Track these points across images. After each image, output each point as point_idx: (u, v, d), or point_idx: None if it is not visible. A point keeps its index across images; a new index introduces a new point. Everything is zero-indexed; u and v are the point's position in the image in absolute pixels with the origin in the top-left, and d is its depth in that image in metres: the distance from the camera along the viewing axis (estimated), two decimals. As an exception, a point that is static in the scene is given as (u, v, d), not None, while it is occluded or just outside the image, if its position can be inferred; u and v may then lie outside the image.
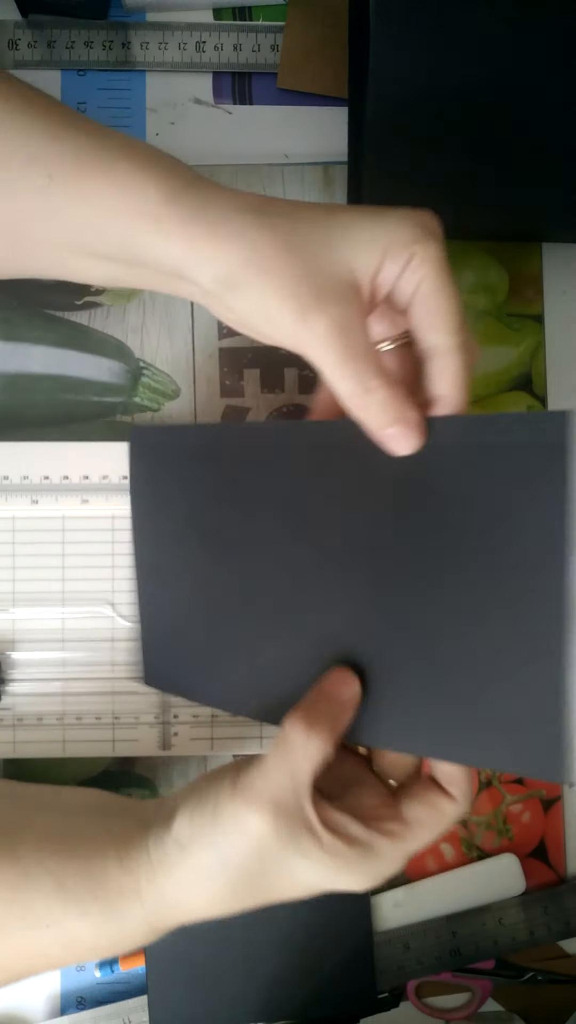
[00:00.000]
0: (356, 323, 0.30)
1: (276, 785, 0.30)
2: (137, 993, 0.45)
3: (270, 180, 0.46)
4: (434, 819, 0.31)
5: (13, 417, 0.45)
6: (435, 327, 0.30)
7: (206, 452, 0.36)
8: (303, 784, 0.30)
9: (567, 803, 0.47)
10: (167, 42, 0.46)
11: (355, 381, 0.30)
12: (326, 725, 0.30)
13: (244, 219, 0.31)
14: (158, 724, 0.44)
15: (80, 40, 0.45)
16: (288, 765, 0.30)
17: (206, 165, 0.46)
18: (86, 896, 0.32)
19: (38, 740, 0.43)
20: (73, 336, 0.46)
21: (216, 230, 0.31)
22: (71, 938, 0.32)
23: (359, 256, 0.30)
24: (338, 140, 0.46)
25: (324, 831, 0.30)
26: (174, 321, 0.46)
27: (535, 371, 0.47)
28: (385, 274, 0.30)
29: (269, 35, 0.46)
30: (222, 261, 0.31)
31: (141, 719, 0.44)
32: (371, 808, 0.31)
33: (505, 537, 0.28)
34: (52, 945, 0.32)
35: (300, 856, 0.30)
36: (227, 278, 0.31)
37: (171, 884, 0.31)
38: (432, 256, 0.30)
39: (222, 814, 0.30)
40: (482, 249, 0.46)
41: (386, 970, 0.45)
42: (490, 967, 0.46)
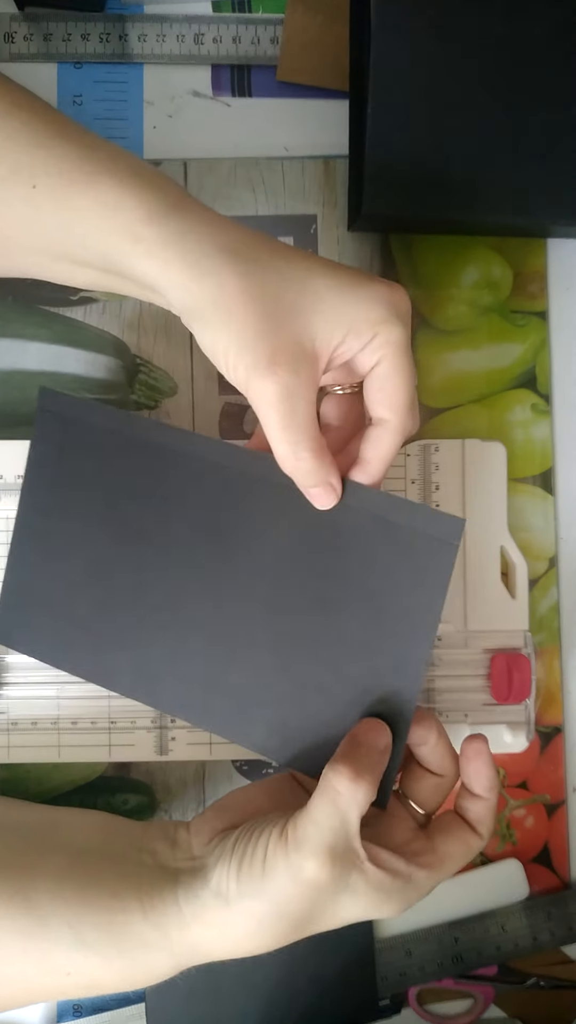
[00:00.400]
0: (303, 392, 0.31)
1: (328, 832, 0.31)
2: (135, 1001, 0.44)
3: (269, 173, 0.45)
4: (462, 853, 0.34)
5: (8, 415, 0.45)
6: (384, 404, 0.33)
7: (123, 438, 0.37)
8: (353, 828, 0.31)
9: (571, 808, 0.46)
10: (165, 34, 0.45)
11: (288, 447, 0.32)
12: (369, 772, 0.32)
13: (220, 258, 0.31)
14: (155, 729, 0.43)
15: (77, 32, 0.45)
16: (338, 813, 0.31)
17: (205, 158, 0.45)
18: (109, 950, 0.32)
19: (33, 745, 0.43)
20: (69, 332, 0.45)
21: (190, 262, 0.31)
22: (93, 982, 0.33)
23: (323, 328, 0.31)
24: (338, 133, 0.45)
25: (372, 867, 0.31)
26: (171, 317, 0.45)
27: (539, 368, 0.46)
28: (347, 346, 0.32)
29: (268, 27, 0.45)
30: (191, 295, 0.31)
31: (138, 723, 0.43)
32: (406, 842, 0.34)
33: (387, 598, 0.34)
34: (73, 988, 0.33)
35: (348, 893, 0.31)
36: (194, 311, 0.32)
37: (208, 934, 0.32)
38: (394, 340, 0.32)
39: (274, 866, 0.31)
40: (486, 245, 0.46)
41: (387, 976, 0.45)
42: (492, 973, 0.46)
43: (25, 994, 0.34)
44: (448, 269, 0.46)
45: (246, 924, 0.31)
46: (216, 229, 0.32)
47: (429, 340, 0.46)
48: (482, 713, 0.43)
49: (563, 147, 0.41)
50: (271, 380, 0.31)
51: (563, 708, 0.46)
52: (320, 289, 0.32)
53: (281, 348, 0.31)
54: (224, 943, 0.32)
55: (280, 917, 0.31)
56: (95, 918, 0.32)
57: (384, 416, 0.33)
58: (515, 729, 0.43)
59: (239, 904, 0.31)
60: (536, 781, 0.46)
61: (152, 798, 0.45)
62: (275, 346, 0.31)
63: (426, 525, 0.33)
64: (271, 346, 0.31)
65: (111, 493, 0.38)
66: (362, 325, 0.32)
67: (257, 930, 0.31)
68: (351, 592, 0.34)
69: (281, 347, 0.31)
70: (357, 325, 0.32)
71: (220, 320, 0.31)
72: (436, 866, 0.33)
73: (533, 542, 0.46)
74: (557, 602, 0.46)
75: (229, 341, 0.31)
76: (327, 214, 0.46)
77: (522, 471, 0.46)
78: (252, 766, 0.45)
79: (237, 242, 0.32)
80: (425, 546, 0.33)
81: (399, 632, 0.34)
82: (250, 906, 0.31)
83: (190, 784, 0.45)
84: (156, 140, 0.46)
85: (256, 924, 0.31)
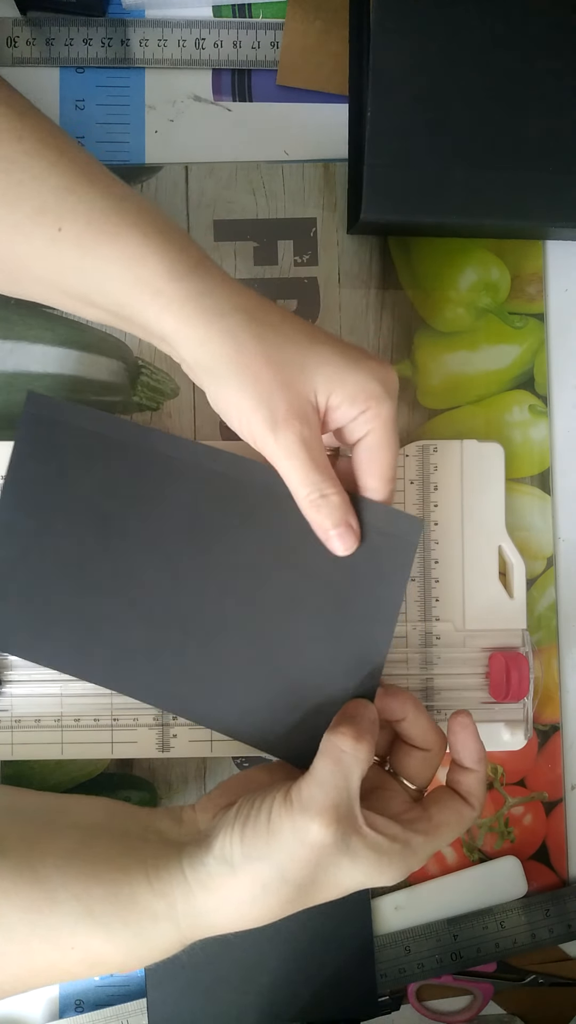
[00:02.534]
0: (317, 440, 0.34)
1: (332, 792, 0.32)
2: (136, 996, 0.45)
3: (269, 177, 0.46)
4: (456, 821, 0.35)
5: (11, 416, 0.45)
6: (371, 473, 0.36)
7: (108, 441, 0.39)
8: (355, 788, 0.33)
9: (569, 806, 0.46)
10: (166, 39, 0.45)
11: (313, 488, 0.34)
12: (368, 735, 0.34)
13: (237, 318, 0.34)
14: (157, 726, 0.43)
15: (79, 37, 0.45)
16: (342, 771, 0.32)
17: (206, 162, 0.46)
18: (115, 922, 0.33)
19: (36, 742, 0.43)
20: (72, 335, 0.45)
21: (209, 321, 0.34)
22: (97, 959, 0.33)
23: (324, 388, 0.34)
24: (338, 137, 0.46)
25: (370, 831, 0.32)
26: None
27: (537, 370, 0.46)
28: (342, 413, 0.35)
29: (269, 32, 0.45)
30: (207, 352, 0.34)
31: (140, 721, 0.43)
32: (401, 812, 0.35)
33: (353, 592, 0.37)
34: (77, 965, 0.34)
35: (349, 857, 0.32)
36: (208, 367, 0.34)
37: (213, 901, 0.33)
38: (384, 415, 0.35)
39: (280, 829, 0.32)
40: (484, 247, 0.46)
41: (387, 973, 0.45)
42: (491, 970, 0.46)
43: (28, 973, 0.34)
44: (446, 271, 0.46)
45: (251, 888, 0.32)
46: (233, 291, 0.34)
47: (427, 342, 0.46)
48: (480, 711, 0.44)
49: (561, 150, 0.41)
50: (290, 431, 0.34)
51: (561, 706, 0.46)
52: (325, 354, 0.34)
53: (294, 403, 0.34)
54: (229, 910, 0.33)
55: (285, 882, 0.32)
56: (102, 890, 0.33)
57: (370, 485, 0.36)
58: (513, 727, 0.44)
59: (244, 868, 0.32)
60: (534, 779, 0.46)
61: (154, 795, 0.45)
62: (288, 401, 0.34)
63: (387, 524, 0.36)
64: (285, 401, 0.34)
65: (93, 492, 0.39)
66: (359, 395, 0.34)
67: (262, 895, 0.32)
68: (320, 587, 0.37)
69: (294, 402, 0.34)
70: (355, 394, 0.34)
71: (237, 377, 0.33)
72: (432, 833, 0.34)
73: (531, 542, 0.46)
74: (555, 601, 0.46)
75: (244, 397, 0.34)
76: (327, 217, 0.46)
77: (520, 471, 0.46)
78: (253, 763, 0.45)
79: (251, 305, 0.34)
80: (387, 544, 0.36)
81: (364, 625, 0.37)
82: (255, 870, 0.32)
83: (191, 781, 0.45)
84: (157, 144, 0.46)
85: (261, 888, 0.32)
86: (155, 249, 0.34)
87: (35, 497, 0.39)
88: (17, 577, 0.39)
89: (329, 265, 0.46)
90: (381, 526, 0.36)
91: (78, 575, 0.39)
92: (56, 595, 0.39)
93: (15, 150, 0.34)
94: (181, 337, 0.34)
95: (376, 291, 0.46)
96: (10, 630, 0.40)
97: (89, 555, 0.39)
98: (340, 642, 0.37)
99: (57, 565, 0.39)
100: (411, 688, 0.44)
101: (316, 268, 0.46)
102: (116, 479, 0.38)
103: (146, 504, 0.38)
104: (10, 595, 0.39)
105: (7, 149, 0.34)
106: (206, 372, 0.34)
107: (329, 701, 0.37)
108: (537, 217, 0.42)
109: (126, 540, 0.38)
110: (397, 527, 0.36)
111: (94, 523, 0.39)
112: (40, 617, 0.39)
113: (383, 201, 0.41)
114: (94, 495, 0.39)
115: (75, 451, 0.39)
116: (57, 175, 0.34)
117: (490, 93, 0.40)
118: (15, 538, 0.40)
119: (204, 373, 0.34)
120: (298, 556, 0.37)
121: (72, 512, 0.39)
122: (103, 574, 0.39)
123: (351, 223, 0.45)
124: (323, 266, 0.46)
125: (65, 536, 0.39)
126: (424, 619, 0.44)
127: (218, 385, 0.34)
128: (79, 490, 0.39)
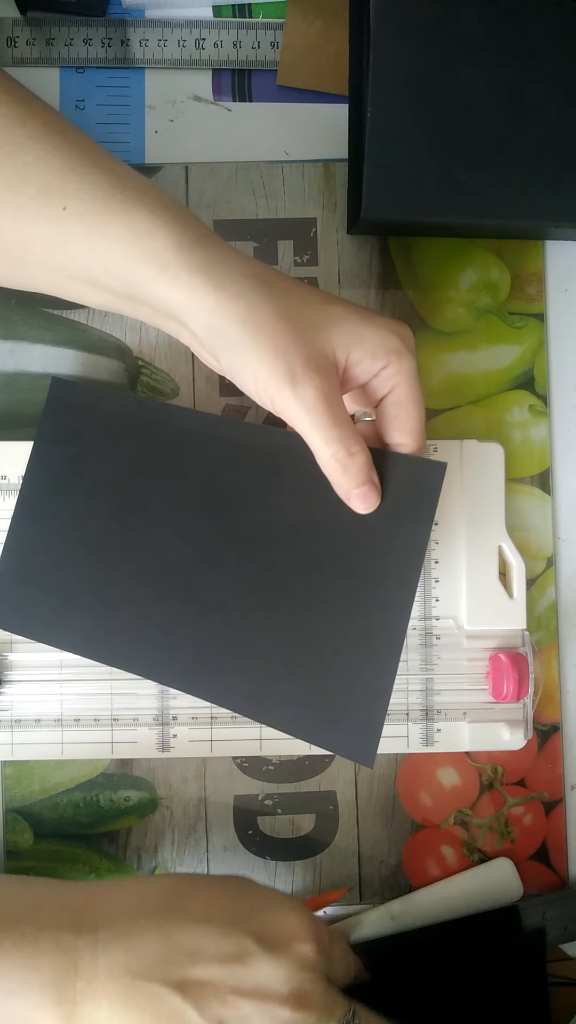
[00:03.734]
0: (337, 395, 0.33)
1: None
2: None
3: (269, 177, 0.46)
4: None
5: (11, 416, 0.45)
6: (401, 430, 0.35)
7: (129, 420, 0.39)
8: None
9: (569, 806, 0.46)
10: (166, 39, 0.45)
11: (341, 445, 0.33)
12: None
13: (248, 282, 0.33)
14: (157, 726, 0.43)
15: (79, 37, 0.45)
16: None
17: (206, 162, 0.46)
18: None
19: (36, 742, 0.43)
20: (72, 335, 0.45)
21: (220, 287, 0.33)
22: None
23: (342, 342, 0.34)
24: (338, 137, 0.46)
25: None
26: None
27: (537, 370, 0.46)
28: (362, 368, 0.34)
29: (269, 32, 0.45)
30: (219, 317, 0.33)
31: (140, 721, 0.43)
32: None
33: (378, 552, 0.36)
34: None
35: None
36: (221, 332, 0.33)
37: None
38: (407, 368, 0.34)
39: None
40: (484, 247, 0.46)
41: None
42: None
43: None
44: (446, 271, 0.46)
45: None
46: (241, 260, 0.34)
47: (427, 342, 0.46)
48: (480, 711, 0.44)
49: (562, 150, 0.41)
50: (310, 384, 0.32)
51: (561, 706, 0.46)
52: (339, 313, 0.34)
53: (312, 358, 0.33)
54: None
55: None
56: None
57: (400, 441, 0.35)
58: (513, 727, 0.44)
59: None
60: (534, 779, 0.46)
61: (154, 794, 0.45)
62: (306, 356, 0.33)
63: (408, 473, 0.35)
64: (303, 356, 0.33)
65: (115, 472, 0.39)
66: (378, 350, 0.34)
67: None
68: (342, 551, 0.36)
69: (312, 357, 0.33)
70: (374, 349, 0.34)
71: (251, 336, 0.33)
72: None
73: (531, 542, 0.46)
74: (555, 601, 0.46)
75: (260, 356, 0.33)
76: (327, 217, 0.46)
77: (520, 471, 0.46)
78: (252, 763, 0.45)
79: (261, 271, 0.34)
80: (409, 494, 0.35)
81: (387, 586, 0.36)
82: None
83: (191, 781, 0.45)
84: (157, 144, 0.46)
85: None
86: (161, 224, 0.34)
87: (58, 480, 0.40)
88: (40, 561, 0.40)
89: (329, 265, 0.46)
90: (401, 477, 0.35)
91: (99, 556, 0.39)
92: (77, 578, 0.39)
93: (18, 134, 0.34)
94: (190, 308, 0.33)
95: (376, 291, 0.46)
96: (33, 614, 0.40)
97: (110, 536, 0.39)
98: (364, 607, 0.36)
99: (79, 547, 0.39)
100: (411, 689, 0.44)
101: (316, 268, 0.46)
102: (137, 457, 0.39)
103: (166, 480, 0.38)
104: (33, 579, 0.40)
105: (10, 133, 0.34)
106: (218, 338, 0.34)
107: (351, 671, 0.36)
108: (537, 216, 0.42)
109: (147, 518, 0.38)
110: (419, 475, 0.35)
111: (115, 503, 0.39)
112: (62, 601, 0.39)
113: (383, 200, 0.40)
114: (115, 475, 0.39)
115: (97, 432, 0.39)
116: (61, 156, 0.34)
117: (490, 93, 0.40)
118: (38, 522, 0.40)
119: (216, 340, 0.34)
120: (319, 522, 0.36)
121: (93, 493, 0.39)
122: (124, 555, 0.38)
123: (351, 223, 0.45)
124: (323, 266, 0.46)
125: (87, 517, 0.39)
126: (424, 619, 0.44)
127: (232, 349, 0.33)
128: (100, 471, 0.39)
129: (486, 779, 0.46)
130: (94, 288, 0.36)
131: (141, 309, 0.35)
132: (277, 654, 0.37)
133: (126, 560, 0.39)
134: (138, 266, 0.34)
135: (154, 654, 0.38)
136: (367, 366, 0.34)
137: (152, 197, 0.34)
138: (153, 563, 0.38)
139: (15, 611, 0.40)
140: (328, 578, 0.36)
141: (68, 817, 0.44)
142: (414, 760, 0.46)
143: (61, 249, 0.35)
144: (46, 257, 0.35)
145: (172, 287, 0.33)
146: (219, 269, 0.33)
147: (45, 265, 0.36)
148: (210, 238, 0.34)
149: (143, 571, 0.38)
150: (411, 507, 0.35)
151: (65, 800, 0.44)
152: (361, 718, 0.36)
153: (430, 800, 0.45)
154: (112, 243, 0.34)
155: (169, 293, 0.33)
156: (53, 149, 0.34)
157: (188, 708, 0.43)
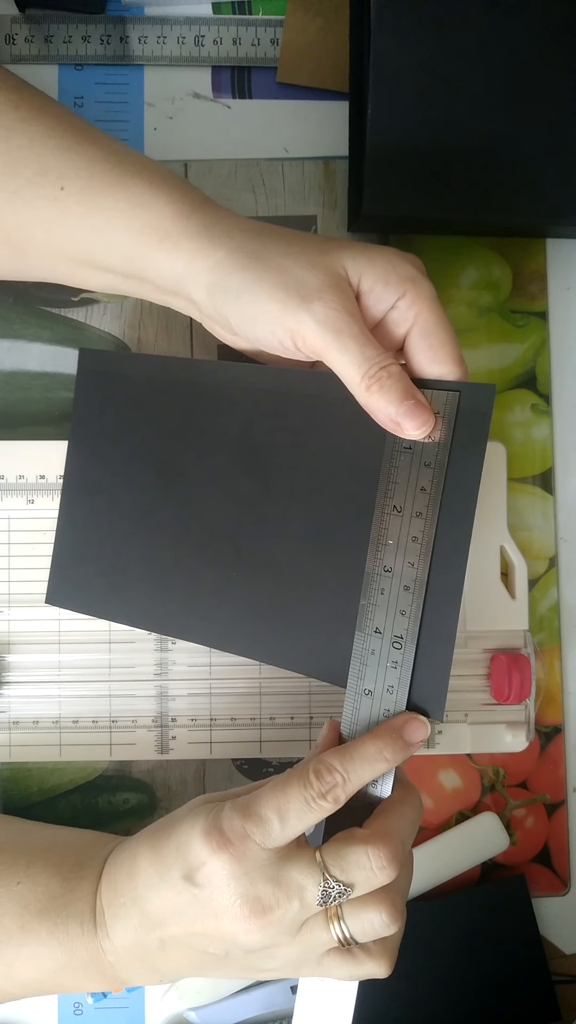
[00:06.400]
0: (357, 313, 0.31)
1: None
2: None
3: (269, 174, 0.45)
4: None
5: (9, 415, 0.45)
6: (436, 360, 0.32)
7: (159, 382, 0.38)
8: None
9: (571, 808, 0.46)
10: (165, 36, 0.45)
11: (372, 361, 0.30)
12: None
13: (248, 235, 0.33)
14: (156, 728, 0.43)
15: (77, 34, 0.45)
16: None
17: (205, 160, 0.45)
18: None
19: (34, 744, 0.43)
20: (70, 333, 0.45)
21: (220, 243, 0.33)
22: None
23: (355, 268, 0.32)
24: (338, 134, 0.45)
25: None
26: (172, 318, 0.45)
27: (539, 368, 0.46)
28: (376, 297, 0.32)
29: (269, 29, 0.45)
30: (222, 270, 0.32)
31: (138, 722, 0.43)
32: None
33: (434, 482, 0.32)
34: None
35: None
36: (226, 285, 0.32)
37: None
38: (426, 294, 0.32)
39: None
40: (485, 245, 0.46)
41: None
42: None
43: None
44: (448, 269, 0.46)
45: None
46: (240, 220, 0.34)
47: (429, 340, 0.46)
48: (482, 713, 0.44)
49: (562, 147, 0.41)
50: (327, 301, 0.31)
51: (563, 708, 0.46)
52: (345, 244, 0.33)
53: (324, 278, 0.31)
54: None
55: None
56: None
57: (440, 372, 0.32)
58: (515, 729, 0.44)
59: None
60: (536, 781, 0.46)
61: (152, 797, 0.45)
62: (318, 276, 0.31)
63: (451, 401, 0.32)
64: (315, 279, 0.31)
65: (151, 439, 0.39)
66: (391, 276, 0.32)
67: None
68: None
69: (324, 277, 0.31)
70: (386, 275, 0.32)
71: (256, 276, 0.32)
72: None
73: (533, 542, 0.46)
74: (557, 602, 0.46)
75: (270, 291, 0.31)
76: (327, 215, 0.46)
77: (522, 471, 0.46)
78: (252, 764, 0.45)
79: (259, 225, 0.34)
80: (458, 420, 0.32)
81: (448, 517, 0.32)
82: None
83: (190, 783, 0.45)
84: (157, 141, 0.46)
85: None
86: (160, 194, 0.33)
87: (97, 455, 0.40)
88: (91, 538, 0.40)
89: (329, 263, 0.46)
90: (446, 406, 0.32)
91: (145, 526, 0.38)
92: (127, 550, 0.39)
93: (12, 118, 0.34)
94: (193, 271, 0.33)
95: (377, 289, 0.46)
96: (90, 592, 0.40)
97: (153, 504, 0.38)
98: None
99: (125, 519, 0.39)
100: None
101: (316, 266, 0.46)
102: (170, 418, 0.38)
103: (202, 440, 0.37)
104: (87, 557, 0.40)
105: (4, 119, 0.34)
106: (222, 293, 0.33)
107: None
108: (538, 213, 0.42)
109: (187, 481, 0.38)
110: (465, 400, 0.32)
111: (155, 469, 0.38)
112: (115, 575, 0.39)
113: (384, 195, 0.40)
114: (151, 441, 0.38)
115: (128, 400, 0.39)
116: (56, 137, 0.34)
117: (491, 89, 0.40)
118: (85, 499, 0.40)
119: (221, 297, 0.33)
120: (363, 465, 0.34)
121: (132, 462, 0.39)
122: (169, 522, 0.38)
123: (352, 220, 0.45)
124: (323, 264, 0.46)
125: (129, 488, 0.39)
126: (425, 620, 0.44)
127: (237, 298, 0.32)
128: (137, 437, 0.39)
129: (487, 781, 0.46)
130: (96, 270, 0.35)
131: (145, 288, 0.35)
132: (336, 604, 0.35)
133: (171, 526, 0.38)
134: (138, 238, 0.33)
135: (209, 623, 0.37)
136: (380, 294, 0.32)
137: (149, 170, 0.34)
138: (197, 527, 0.37)
139: (74, 589, 0.40)
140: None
141: (66, 819, 0.44)
142: (415, 762, 0.45)
143: (61, 231, 0.34)
144: (47, 241, 0.35)
145: (173, 256, 0.33)
146: (217, 229, 0.33)
147: (46, 250, 0.35)
148: (208, 204, 0.34)
149: (188, 536, 0.38)
150: (460, 435, 0.32)
151: (63, 802, 0.44)
152: (428, 669, 0.33)
153: (431, 802, 0.45)
154: (111, 218, 0.33)
155: (171, 262, 0.33)
156: (48, 131, 0.34)
157: (187, 710, 0.43)
